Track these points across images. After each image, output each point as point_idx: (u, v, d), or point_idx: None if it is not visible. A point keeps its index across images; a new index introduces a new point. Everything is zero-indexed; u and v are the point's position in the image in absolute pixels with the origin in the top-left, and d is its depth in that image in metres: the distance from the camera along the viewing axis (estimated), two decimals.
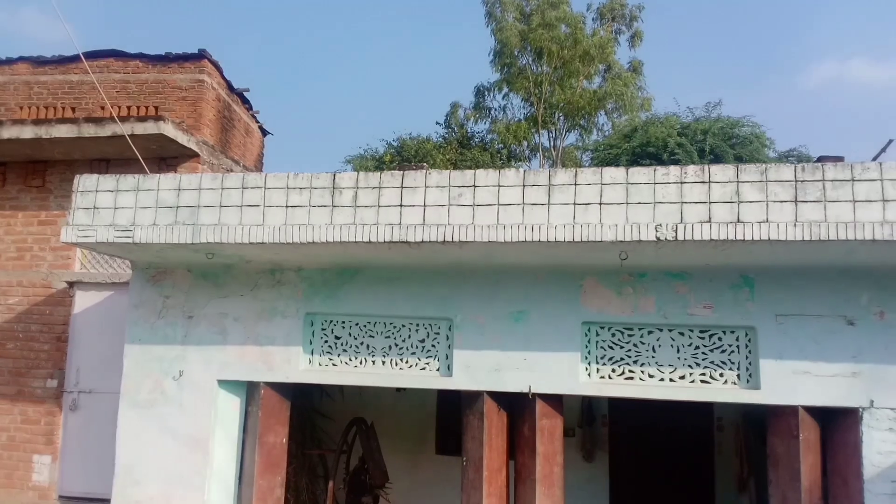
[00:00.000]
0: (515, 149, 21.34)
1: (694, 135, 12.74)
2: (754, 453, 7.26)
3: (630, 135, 13.85)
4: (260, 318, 6.27)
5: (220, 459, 6.27)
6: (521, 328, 5.87)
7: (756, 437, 7.19)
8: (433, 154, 18.62)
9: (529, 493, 5.82)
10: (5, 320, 8.12)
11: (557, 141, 21.73)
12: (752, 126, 13.28)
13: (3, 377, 8.03)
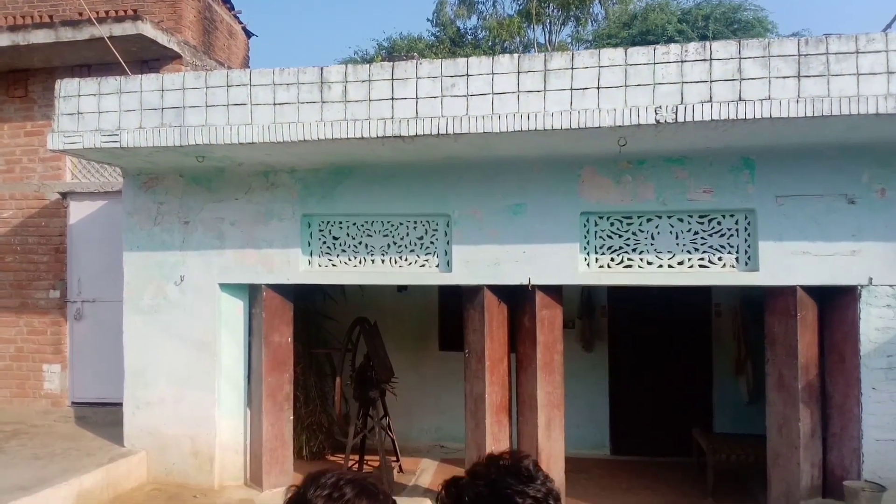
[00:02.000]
0: (508, 45, 20.71)
1: (695, 21, 12.34)
2: (751, 337, 7.39)
3: (629, 23, 13.42)
4: (256, 222, 6.23)
5: (228, 360, 6.39)
6: (519, 221, 5.83)
7: (753, 320, 7.29)
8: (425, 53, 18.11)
9: (531, 380, 5.95)
10: (2, 234, 8.09)
11: (552, 35, 21.06)
12: (755, 10, 12.86)
13: (6, 290, 8.08)
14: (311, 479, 1.53)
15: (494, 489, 1.41)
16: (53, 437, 6.85)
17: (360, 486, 1.50)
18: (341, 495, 1.47)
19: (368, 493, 1.50)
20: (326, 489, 1.48)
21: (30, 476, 5.61)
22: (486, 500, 1.40)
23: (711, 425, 7.88)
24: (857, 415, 5.31)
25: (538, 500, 1.40)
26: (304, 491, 1.50)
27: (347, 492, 1.48)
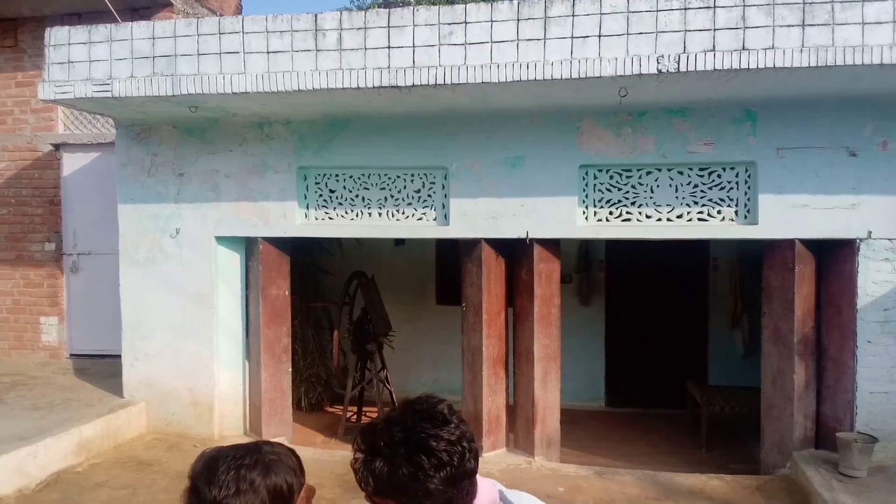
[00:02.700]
0: None
1: None
2: (748, 291, 7.41)
3: None
4: (251, 174, 6.17)
5: (225, 313, 6.39)
6: (517, 174, 5.77)
7: (750, 275, 7.31)
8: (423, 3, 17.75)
9: (528, 332, 5.97)
10: None
11: None
12: None
13: (1, 243, 8.04)
14: (204, 476, 1.43)
15: (409, 434, 1.40)
16: (52, 388, 6.89)
17: (262, 463, 1.44)
18: (251, 484, 1.41)
19: (268, 464, 1.45)
20: (231, 486, 1.40)
21: (30, 426, 5.66)
22: (401, 445, 1.39)
23: (706, 378, 7.96)
24: (851, 367, 5.35)
25: (451, 443, 1.40)
26: (202, 492, 1.41)
27: (255, 477, 1.42)
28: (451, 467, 1.39)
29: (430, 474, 1.37)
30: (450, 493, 1.41)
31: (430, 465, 1.37)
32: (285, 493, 1.44)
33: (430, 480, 1.37)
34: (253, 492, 1.41)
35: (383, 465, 1.39)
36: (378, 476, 1.40)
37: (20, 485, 5.06)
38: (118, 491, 5.13)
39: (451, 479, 1.39)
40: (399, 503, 1.41)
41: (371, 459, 1.41)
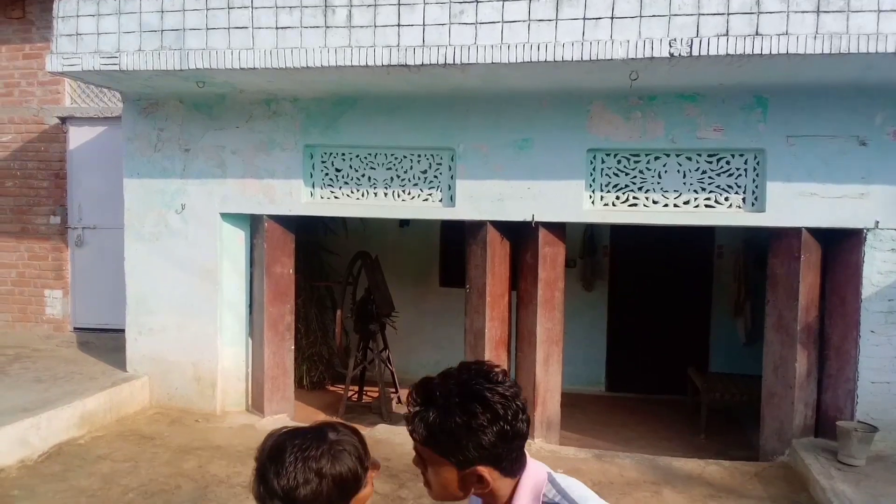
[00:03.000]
0: None
1: None
2: (752, 279, 7.40)
3: None
4: (258, 151, 6.15)
5: (230, 289, 6.40)
6: (525, 156, 5.75)
7: (755, 262, 7.30)
8: None
9: (531, 316, 5.98)
10: (1, 158, 8.00)
11: None
12: None
13: (6, 215, 8.05)
14: (271, 465, 1.44)
15: (464, 386, 1.41)
16: (56, 361, 6.92)
17: (330, 453, 1.45)
18: (319, 473, 1.42)
19: (337, 453, 1.46)
20: (299, 477, 1.41)
21: (33, 398, 5.69)
22: (456, 396, 1.39)
23: (707, 365, 7.97)
24: (854, 357, 5.35)
25: (506, 398, 1.40)
26: (270, 482, 1.43)
27: (323, 465, 1.43)
28: (505, 423, 1.38)
29: (484, 425, 1.37)
30: (500, 450, 1.40)
31: (484, 416, 1.37)
32: (351, 480, 1.46)
33: (483, 432, 1.37)
34: (320, 482, 1.42)
35: (437, 415, 1.40)
36: (430, 424, 1.40)
37: (22, 455, 5.10)
38: (120, 464, 5.17)
39: (504, 435, 1.39)
40: (445, 458, 1.42)
41: (425, 409, 1.42)
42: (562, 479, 1.48)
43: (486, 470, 1.41)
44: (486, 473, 1.41)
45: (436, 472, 1.45)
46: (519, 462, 1.46)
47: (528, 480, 1.47)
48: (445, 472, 1.43)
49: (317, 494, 1.41)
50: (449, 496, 1.48)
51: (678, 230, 6.64)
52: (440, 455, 1.42)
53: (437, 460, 1.43)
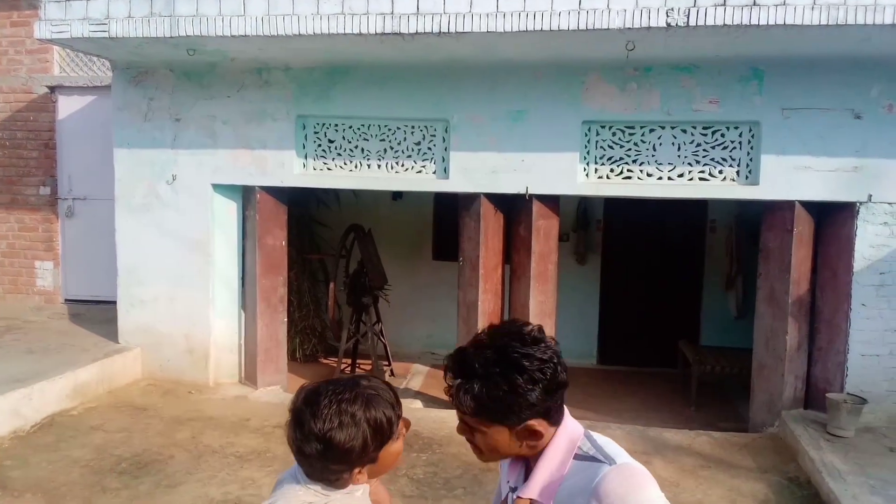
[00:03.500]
0: None
1: None
2: (744, 253, 7.42)
3: None
4: (250, 121, 6.08)
5: (222, 261, 6.37)
6: (519, 128, 5.71)
7: (747, 237, 7.32)
8: None
9: (524, 288, 5.98)
10: None
11: None
12: None
13: None
14: (306, 406, 1.48)
15: (501, 354, 1.42)
16: (47, 332, 6.90)
17: (362, 398, 1.49)
18: (352, 417, 1.46)
19: (373, 401, 1.50)
20: (334, 418, 1.45)
21: (25, 369, 5.67)
22: (496, 365, 1.41)
23: (698, 338, 8.02)
24: (844, 330, 5.39)
25: (544, 362, 1.42)
26: (306, 424, 1.46)
27: (356, 411, 1.47)
28: (546, 381, 1.41)
29: (529, 388, 1.39)
30: (548, 404, 1.43)
31: (526, 382, 1.39)
32: (385, 426, 1.49)
33: (529, 394, 1.40)
34: (355, 425, 1.45)
35: (480, 386, 1.41)
36: (478, 396, 1.41)
37: (15, 426, 5.10)
38: (113, 434, 5.17)
39: (547, 390, 1.42)
40: (495, 423, 1.44)
41: (467, 381, 1.43)
42: (598, 437, 1.51)
43: (538, 422, 1.44)
44: (538, 426, 1.44)
45: (486, 436, 1.47)
46: (562, 410, 1.50)
47: (565, 432, 1.49)
48: (496, 434, 1.46)
49: (352, 438, 1.45)
50: (500, 456, 1.52)
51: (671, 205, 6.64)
52: (491, 421, 1.44)
53: (487, 426, 1.45)
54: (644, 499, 1.36)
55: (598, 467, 1.40)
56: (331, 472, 1.49)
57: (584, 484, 1.40)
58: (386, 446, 1.51)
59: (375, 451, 1.49)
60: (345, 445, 1.44)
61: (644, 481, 1.39)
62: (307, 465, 1.50)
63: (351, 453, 1.45)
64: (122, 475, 4.52)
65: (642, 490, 1.37)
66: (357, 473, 1.51)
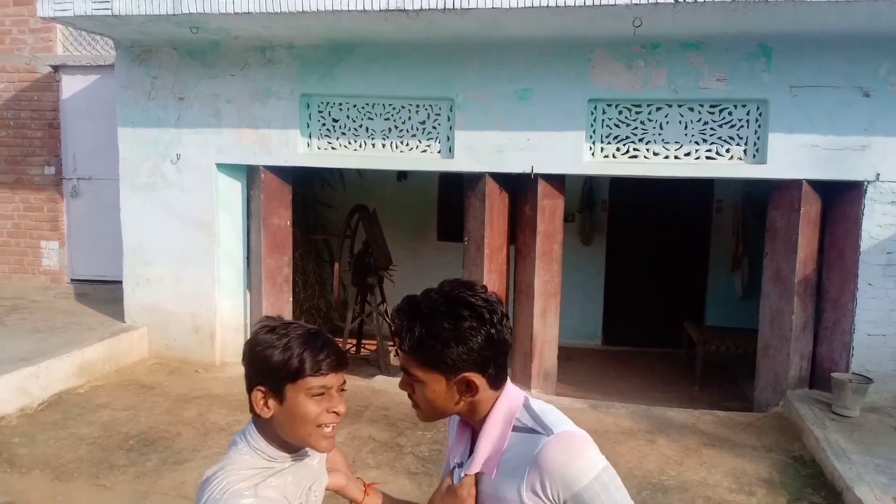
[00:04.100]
0: None
1: None
2: (750, 234, 7.40)
3: None
4: (254, 100, 6.06)
5: (227, 241, 6.38)
6: (525, 107, 5.67)
7: (754, 218, 7.28)
8: None
9: (529, 268, 5.97)
10: None
11: None
12: None
13: (0, 166, 7.97)
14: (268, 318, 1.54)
15: (448, 296, 1.43)
16: (54, 312, 6.93)
17: (306, 330, 1.49)
18: (284, 332, 1.47)
19: (309, 336, 1.49)
20: (274, 323, 1.50)
21: (31, 348, 5.70)
22: (441, 305, 1.42)
23: (703, 319, 8.01)
24: (850, 309, 5.37)
25: (489, 302, 1.43)
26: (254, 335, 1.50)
27: (291, 330, 1.48)
28: (491, 326, 1.41)
29: (473, 327, 1.39)
30: (487, 354, 1.42)
31: (471, 320, 1.40)
32: (292, 360, 1.44)
33: (471, 335, 1.40)
34: (278, 337, 1.45)
35: (424, 324, 1.42)
36: (419, 335, 1.42)
37: (22, 404, 5.13)
38: (120, 412, 5.21)
39: (490, 339, 1.41)
40: (433, 368, 1.43)
41: (412, 320, 1.44)
42: (537, 405, 1.50)
43: (475, 376, 1.43)
44: (475, 379, 1.43)
45: (423, 387, 1.46)
46: (503, 374, 1.49)
47: (505, 401, 1.49)
48: (434, 383, 1.44)
49: (250, 349, 1.50)
50: (437, 413, 1.50)
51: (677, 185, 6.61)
52: (428, 366, 1.43)
53: (425, 372, 1.44)
54: (584, 465, 1.37)
55: (538, 438, 1.41)
56: (247, 383, 1.50)
57: (524, 455, 1.41)
58: (294, 389, 1.44)
59: (277, 379, 1.44)
60: (256, 347, 1.46)
61: (584, 446, 1.40)
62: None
63: (258, 359, 1.46)
64: (129, 452, 4.55)
65: (582, 455, 1.38)
66: (261, 398, 1.46)
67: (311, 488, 1.57)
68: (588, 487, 1.35)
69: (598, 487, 1.36)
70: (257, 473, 1.45)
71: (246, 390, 1.50)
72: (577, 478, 1.36)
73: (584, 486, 1.35)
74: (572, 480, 1.36)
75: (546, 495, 1.38)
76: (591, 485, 1.36)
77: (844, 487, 4.04)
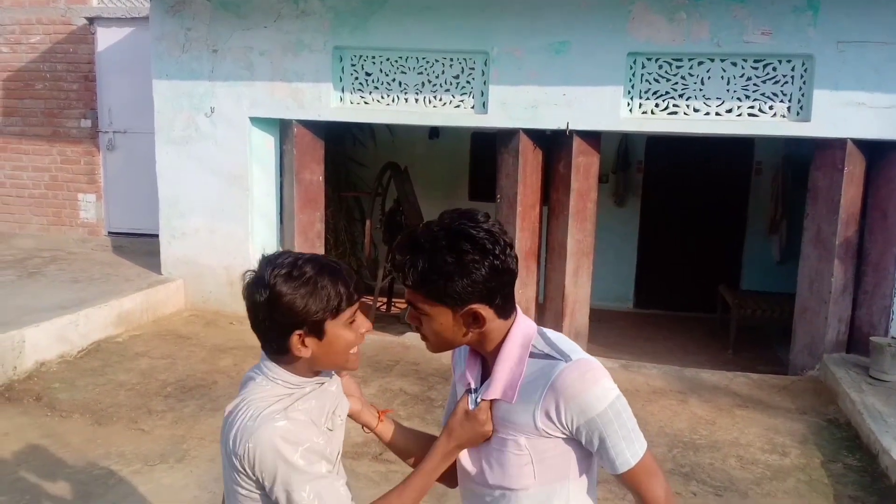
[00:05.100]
0: None
1: None
2: (790, 196, 7.23)
3: None
4: (286, 53, 6.01)
5: (260, 195, 6.40)
6: (561, 61, 5.55)
7: (794, 180, 7.10)
8: None
9: (562, 227, 5.91)
10: (31, 60, 7.95)
11: None
12: None
13: (37, 118, 8.06)
14: (266, 260, 1.49)
15: (449, 229, 1.39)
16: (91, 263, 7.05)
17: (320, 263, 1.48)
18: (301, 273, 1.44)
19: (330, 269, 1.47)
20: (285, 268, 1.44)
21: (70, 297, 5.81)
22: (443, 239, 1.38)
23: (739, 283, 7.90)
24: (891, 273, 5.25)
25: (492, 233, 1.39)
26: (261, 273, 1.46)
27: (308, 270, 1.44)
28: (494, 257, 1.38)
29: (476, 260, 1.37)
30: (493, 285, 1.40)
31: (474, 252, 1.37)
32: (329, 295, 1.44)
33: (474, 267, 1.37)
34: (303, 282, 1.42)
35: (426, 258, 1.39)
36: (423, 270, 1.39)
37: (62, 351, 5.24)
38: (158, 360, 5.31)
39: (495, 269, 1.39)
40: (439, 301, 1.41)
41: (414, 255, 1.40)
42: (551, 333, 1.52)
43: (482, 307, 1.41)
44: (482, 311, 1.42)
45: (430, 319, 1.44)
46: (510, 304, 1.47)
47: (519, 329, 1.48)
48: (440, 316, 1.43)
49: (294, 290, 1.44)
50: (446, 344, 1.49)
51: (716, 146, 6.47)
52: (434, 299, 1.41)
53: (431, 306, 1.43)
54: (600, 392, 1.39)
55: (555, 364, 1.42)
56: (276, 331, 1.45)
57: (542, 381, 1.42)
58: (333, 324, 1.46)
59: (318, 320, 1.44)
60: (285, 297, 1.41)
61: (599, 374, 1.41)
62: (259, 330, 1.48)
63: (291, 308, 1.42)
64: (167, 398, 4.65)
65: (598, 383, 1.40)
66: (299, 341, 1.45)
67: (334, 412, 1.59)
68: (602, 414, 1.39)
69: (612, 414, 1.39)
70: (282, 399, 1.47)
71: (260, 335, 1.50)
72: (593, 404, 1.39)
73: (599, 412, 1.39)
74: (588, 407, 1.39)
75: (560, 420, 1.41)
76: (605, 412, 1.39)
77: (881, 450, 3.98)
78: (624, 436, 1.40)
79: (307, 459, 1.40)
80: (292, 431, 1.40)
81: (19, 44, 7.95)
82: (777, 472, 3.94)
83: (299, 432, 1.41)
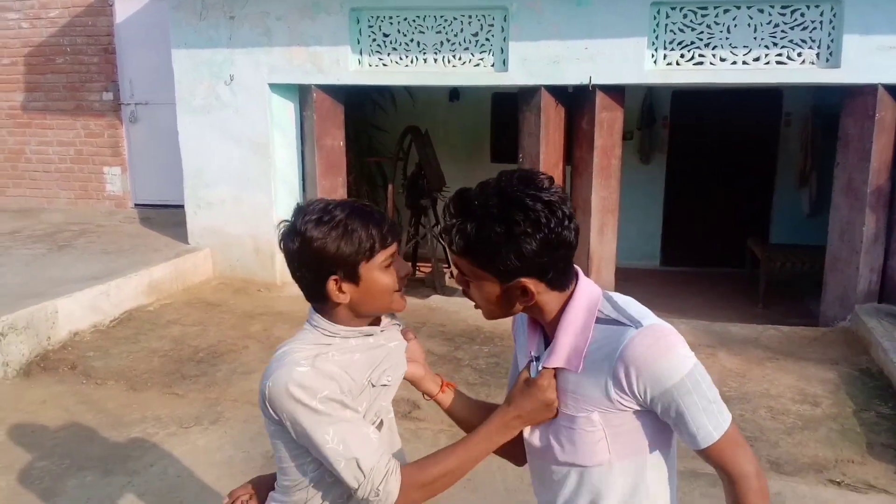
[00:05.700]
0: None
1: None
2: (820, 147, 7.07)
3: None
4: (303, 16, 5.96)
5: (282, 162, 6.41)
6: (582, 14, 5.44)
7: (824, 131, 6.95)
8: None
9: (586, 184, 5.85)
10: (50, 34, 7.98)
11: None
12: None
13: (60, 92, 8.12)
14: (298, 208, 1.48)
15: (504, 195, 1.28)
16: (120, 235, 7.14)
17: (350, 207, 1.45)
18: (331, 217, 1.42)
19: (360, 212, 1.45)
20: (315, 214, 1.43)
21: (101, 268, 5.90)
22: (495, 207, 1.28)
23: (768, 237, 7.79)
24: None
25: (549, 204, 1.27)
26: (293, 221, 1.45)
27: (338, 213, 1.42)
28: (549, 231, 1.27)
29: (527, 233, 1.26)
30: (544, 260, 1.30)
31: (525, 224, 1.26)
32: (361, 237, 1.42)
33: (524, 241, 1.27)
34: (334, 226, 1.41)
35: (475, 225, 1.29)
36: (468, 235, 1.30)
37: (94, 321, 5.32)
38: (189, 327, 5.39)
39: (548, 243, 1.28)
40: (485, 270, 1.34)
41: (462, 220, 1.31)
42: (618, 297, 1.41)
43: (531, 282, 1.32)
44: (531, 285, 1.32)
45: (478, 286, 1.37)
46: (567, 275, 1.38)
47: (583, 295, 1.38)
48: (487, 286, 1.36)
49: (325, 235, 1.43)
50: (496, 312, 1.41)
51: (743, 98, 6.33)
52: (480, 268, 1.34)
53: (478, 274, 1.35)
54: (676, 361, 1.28)
55: (624, 331, 1.31)
56: (312, 278, 1.45)
57: (609, 349, 1.31)
58: (368, 267, 1.44)
59: (352, 264, 1.43)
60: (315, 242, 1.40)
61: (674, 341, 1.30)
62: (297, 279, 1.48)
63: (323, 252, 1.41)
64: (199, 363, 4.73)
65: (673, 351, 1.29)
66: (336, 287, 1.44)
67: (385, 371, 1.55)
68: (680, 385, 1.27)
69: (691, 385, 1.27)
70: (316, 347, 1.47)
71: (300, 285, 1.50)
72: (669, 374, 1.27)
73: (676, 383, 1.27)
74: (663, 376, 1.27)
75: (631, 391, 1.30)
76: (682, 382, 1.27)
77: None
78: (704, 407, 1.28)
79: (326, 405, 1.38)
80: (310, 378, 1.39)
81: (38, 18, 7.97)
82: (808, 422, 3.92)
83: (318, 380, 1.39)
